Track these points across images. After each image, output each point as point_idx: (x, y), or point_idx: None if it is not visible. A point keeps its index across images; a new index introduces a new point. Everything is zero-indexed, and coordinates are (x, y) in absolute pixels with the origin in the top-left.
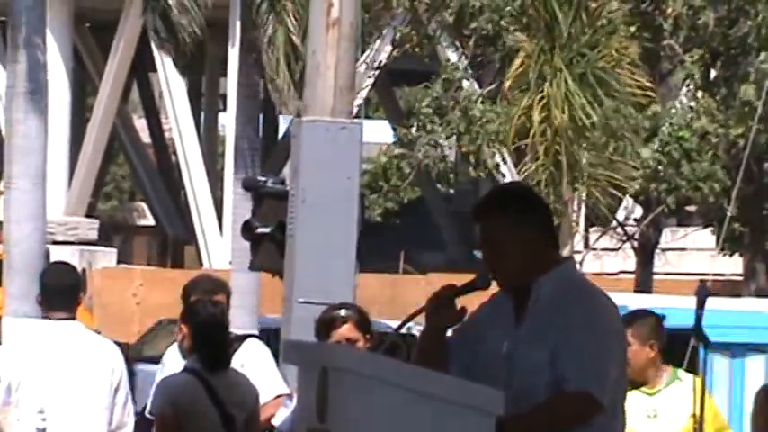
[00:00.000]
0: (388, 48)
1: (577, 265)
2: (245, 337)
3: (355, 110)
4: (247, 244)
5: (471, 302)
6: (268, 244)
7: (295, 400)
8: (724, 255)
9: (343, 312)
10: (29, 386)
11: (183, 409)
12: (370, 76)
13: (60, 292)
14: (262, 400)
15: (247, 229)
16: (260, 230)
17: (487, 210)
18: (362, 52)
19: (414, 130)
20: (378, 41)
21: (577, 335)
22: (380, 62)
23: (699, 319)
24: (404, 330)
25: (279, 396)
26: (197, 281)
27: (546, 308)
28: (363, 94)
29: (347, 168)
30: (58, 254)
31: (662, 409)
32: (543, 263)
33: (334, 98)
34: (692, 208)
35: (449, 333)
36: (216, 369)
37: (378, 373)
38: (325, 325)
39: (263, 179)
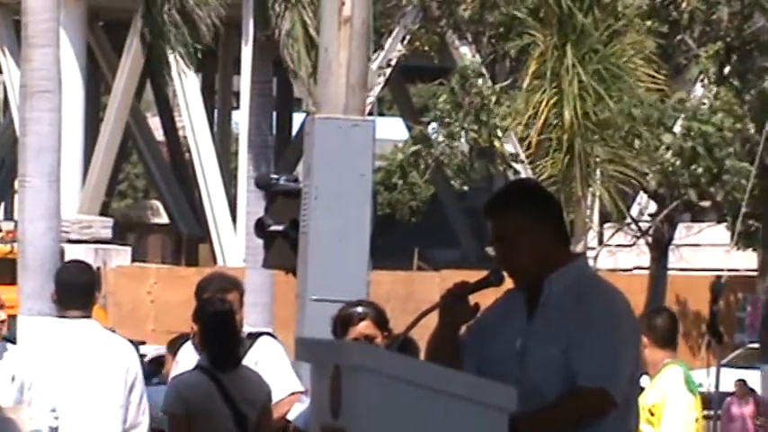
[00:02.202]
0: (400, 45)
1: (591, 262)
2: (259, 334)
3: (368, 107)
4: (261, 242)
5: (485, 299)
6: (281, 241)
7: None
8: (738, 250)
9: (360, 309)
10: (42, 385)
11: (194, 407)
12: (380, 75)
13: (76, 290)
14: (276, 398)
15: (260, 227)
16: (273, 228)
17: (501, 206)
18: (375, 50)
19: (431, 125)
20: (389, 39)
21: (591, 331)
22: (391, 60)
23: (714, 314)
24: None
25: (293, 393)
26: (210, 279)
27: (558, 304)
28: (376, 91)
29: (360, 165)
30: (72, 252)
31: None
32: (556, 259)
33: (347, 95)
34: (706, 203)
35: (462, 330)
36: (226, 367)
37: (391, 370)
38: (343, 322)
39: (276, 177)
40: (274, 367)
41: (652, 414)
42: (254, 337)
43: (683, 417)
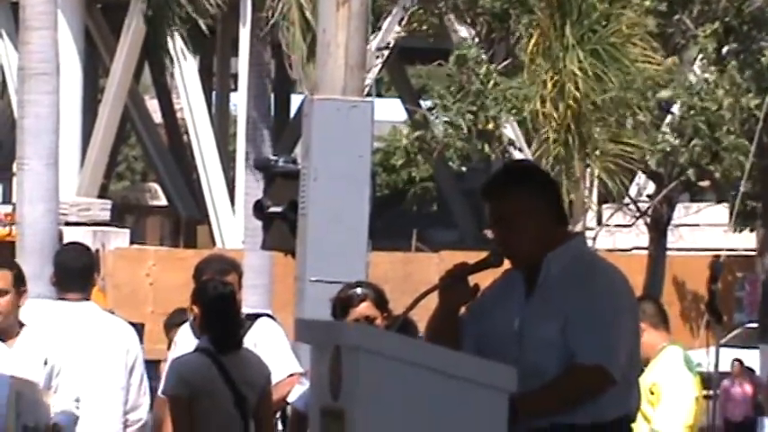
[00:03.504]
0: (398, 27)
1: (590, 242)
2: (258, 316)
3: (366, 88)
4: (260, 223)
5: (484, 280)
6: (280, 223)
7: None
8: (737, 230)
9: (359, 291)
10: (68, 373)
11: (195, 388)
12: (378, 57)
13: (75, 273)
14: (275, 379)
15: (259, 209)
16: (272, 210)
17: (500, 188)
18: (373, 31)
19: (429, 106)
20: (387, 20)
21: (589, 309)
22: (389, 42)
23: (712, 294)
24: None
25: (292, 375)
26: (208, 261)
27: (556, 283)
28: (374, 72)
29: (359, 147)
30: (70, 235)
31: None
32: (554, 239)
33: (345, 77)
34: (705, 183)
35: (461, 311)
36: (228, 349)
37: (391, 351)
38: (343, 303)
39: (275, 158)
40: (273, 348)
41: (652, 393)
42: (252, 318)
43: (682, 396)
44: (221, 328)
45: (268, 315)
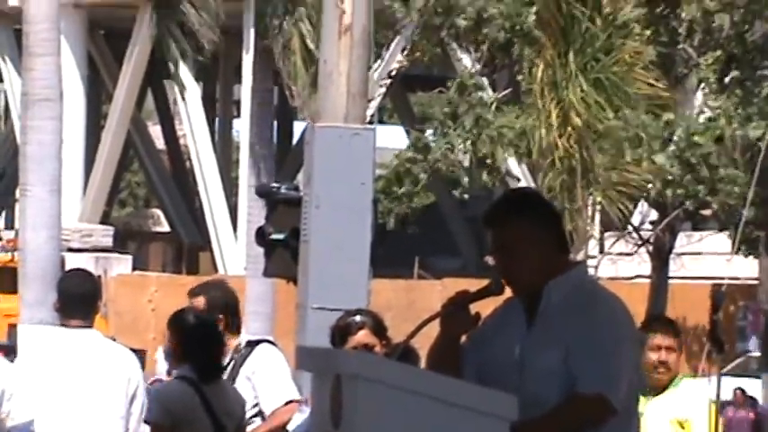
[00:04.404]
0: (401, 56)
1: (592, 270)
2: (258, 342)
3: (369, 116)
4: (262, 250)
5: (485, 308)
6: (282, 250)
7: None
8: (739, 252)
9: (358, 318)
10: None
11: (178, 418)
12: (382, 86)
13: (78, 299)
14: (273, 406)
15: (261, 236)
16: (274, 237)
17: (502, 215)
18: (375, 60)
19: (429, 133)
20: (390, 48)
21: (590, 338)
22: (392, 70)
23: (714, 323)
24: None
25: (290, 402)
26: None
27: (557, 311)
28: (377, 100)
29: (361, 174)
30: (73, 261)
31: (648, 412)
32: (555, 267)
33: (347, 104)
34: (707, 212)
35: (463, 339)
36: (210, 378)
37: (391, 379)
38: (341, 331)
39: (277, 185)
40: (272, 375)
41: (682, 427)
42: (253, 344)
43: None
44: (204, 357)
45: (268, 341)
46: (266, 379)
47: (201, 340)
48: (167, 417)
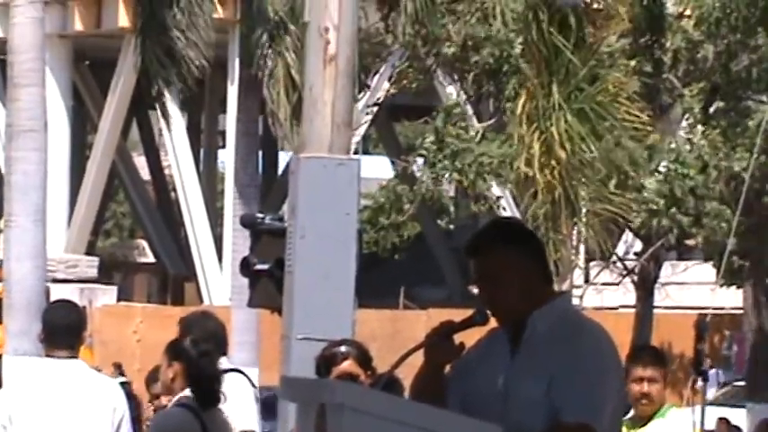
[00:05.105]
0: (387, 84)
1: (577, 300)
2: (227, 371)
3: (354, 146)
4: (246, 281)
5: (469, 338)
6: (266, 281)
7: None
8: (723, 287)
9: (343, 348)
10: (24, 424)
11: None
12: (368, 113)
13: (64, 330)
14: None
15: (245, 266)
16: (258, 267)
17: (486, 245)
18: (361, 89)
19: (417, 163)
20: (376, 77)
21: (575, 367)
22: (379, 99)
23: (698, 352)
24: None
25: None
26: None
27: (541, 341)
28: (362, 130)
29: (345, 204)
30: (58, 292)
31: None
32: (539, 297)
33: (332, 134)
34: (692, 242)
35: (447, 369)
36: (209, 405)
37: (375, 408)
38: (326, 361)
39: (261, 216)
40: (234, 404)
41: None
42: (222, 372)
43: None
44: (205, 385)
45: (238, 371)
46: (233, 406)
47: (203, 369)
48: None
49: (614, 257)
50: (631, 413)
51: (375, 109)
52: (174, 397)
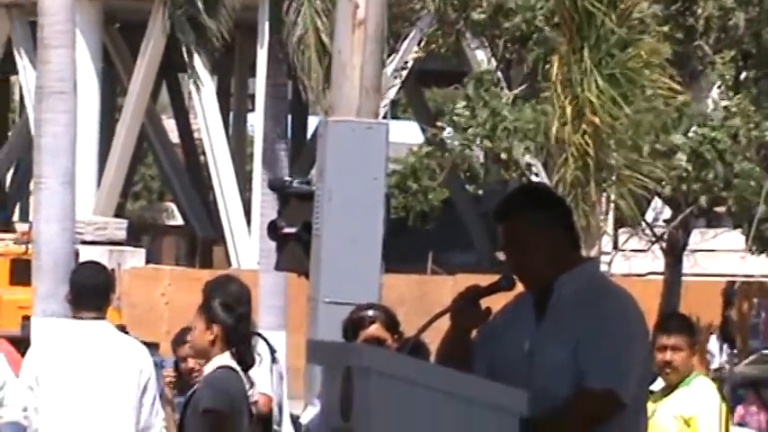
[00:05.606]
0: (416, 48)
1: (606, 266)
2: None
3: (382, 111)
4: (274, 244)
5: (496, 303)
6: (294, 244)
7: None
8: (753, 254)
9: (371, 312)
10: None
11: (235, 405)
12: (396, 77)
13: (91, 291)
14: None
15: (273, 230)
16: (286, 231)
17: (513, 210)
18: (390, 53)
19: (447, 131)
20: (405, 42)
21: (600, 332)
22: (407, 63)
23: (725, 319)
24: None
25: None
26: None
27: (567, 306)
28: (391, 94)
29: (373, 168)
30: (86, 254)
31: (659, 410)
32: (566, 262)
33: (360, 99)
34: (721, 209)
35: (473, 333)
36: (248, 368)
37: (401, 372)
38: (353, 325)
39: (290, 179)
40: (255, 367)
41: (688, 425)
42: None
43: (719, 428)
44: (244, 348)
45: (258, 334)
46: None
47: (242, 333)
48: (228, 403)
49: (643, 224)
50: (662, 383)
51: (404, 73)
52: (210, 361)
